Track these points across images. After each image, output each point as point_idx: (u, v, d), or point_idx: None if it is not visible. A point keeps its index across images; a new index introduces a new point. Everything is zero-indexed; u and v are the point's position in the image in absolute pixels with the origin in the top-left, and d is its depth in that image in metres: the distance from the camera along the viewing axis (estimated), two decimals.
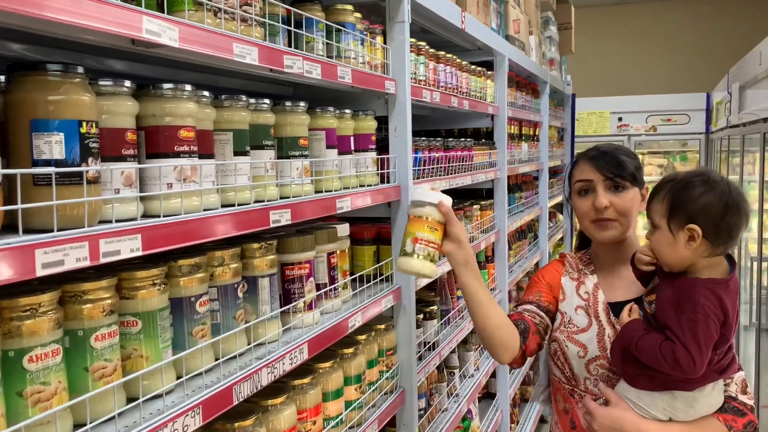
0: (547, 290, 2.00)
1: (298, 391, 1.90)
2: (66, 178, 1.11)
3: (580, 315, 1.90)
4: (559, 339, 1.90)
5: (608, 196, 1.82)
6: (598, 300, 1.89)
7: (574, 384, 1.88)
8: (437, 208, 1.78)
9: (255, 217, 1.58)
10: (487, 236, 3.77)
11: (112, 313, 1.31)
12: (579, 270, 1.98)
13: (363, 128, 2.35)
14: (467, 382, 3.57)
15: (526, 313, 1.96)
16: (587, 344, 1.84)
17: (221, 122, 1.64)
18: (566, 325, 1.90)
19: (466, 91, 3.41)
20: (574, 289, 1.95)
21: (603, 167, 1.84)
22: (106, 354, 1.29)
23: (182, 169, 1.39)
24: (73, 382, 1.25)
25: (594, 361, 1.84)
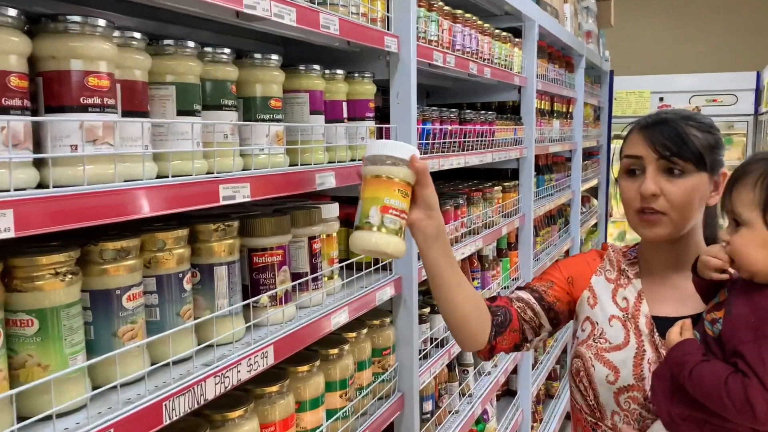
0: (563, 284, 1.62)
1: (265, 400, 1.59)
2: None
3: (615, 327, 1.50)
4: (584, 355, 1.51)
5: (660, 181, 1.40)
6: (640, 311, 1.49)
7: (599, 417, 1.49)
8: (409, 165, 1.40)
9: (197, 191, 1.27)
10: (510, 221, 3.42)
11: None
12: (620, 270, 1.58)
13: (358, 93, 2.02)
14: (483, 381, 3.24)
15: (517, 303, 1.61)
16: (620, 367, 1.45)
17: (160, 73, 1.32)
18: (596, 339, 1.51)
19: (489, 58, 3.03)
20: (610, 294, 1.56)
21: (657, 141, 1.41)
22: None
23: (90, 128, 1.08)
24: None
25: (625, 392, 1.44)
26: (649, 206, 1.41)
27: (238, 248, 1.54)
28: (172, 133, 1.32)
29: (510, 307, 1.60)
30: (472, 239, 2.85)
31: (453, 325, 1.56)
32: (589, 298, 1.58)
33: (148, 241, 1.33)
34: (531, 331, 1.61)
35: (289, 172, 1.58)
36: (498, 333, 1.56)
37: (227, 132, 1.46)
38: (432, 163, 2.34)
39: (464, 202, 2.81)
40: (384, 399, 2.17)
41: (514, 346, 1.61)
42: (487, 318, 1.55)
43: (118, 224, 1.40)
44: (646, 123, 1.45)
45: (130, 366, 1.25)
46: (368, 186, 1.41)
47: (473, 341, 1.56)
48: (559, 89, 4.52)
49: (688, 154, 1.40)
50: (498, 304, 1.61)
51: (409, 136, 2.13)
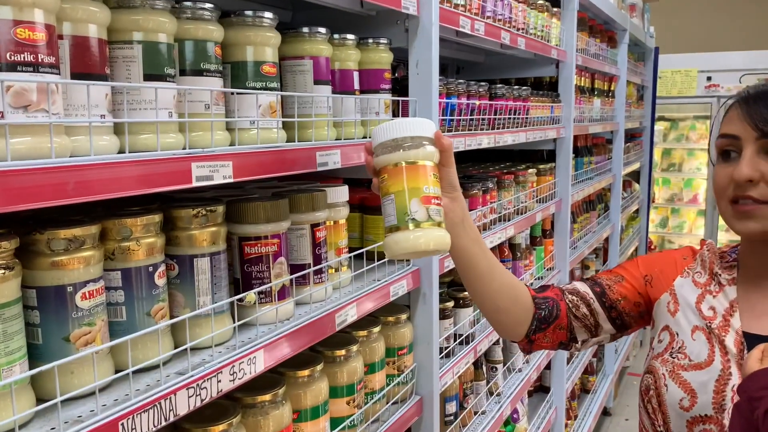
0: (637, 282, 1.39)
1: (256, 410, 1.39)
2: None
3: (698, 341, 1.26)
4: (657, 371, 1.28)
5: (759, 164, 1.16)
6: (730, 326, 1.24)
7: None
8: (435, 143, 1.22)
9: (162, 170, 1.06)
10: (546, 206, 3.16)
11: None
12: (713, 274, 1.32)
13: (372, 61, 1.79)
14: (513, 378, 3.01)
15: (570, 296, 1.41)
16: (698, 391, 1.21)
17: (124, 30, 1.11)
18: (674, 353, 1.28)
19: (523, 28, 2.76)
20: (695, 300, 1.31)
21: (758, 116, 1.17)
22: None
23: (19, 91, 0.88)
24: None
25: (701, 423, 1.20)
26: (743, 194, 1.17)
27: (223, 237, 1.33)
28: (137, 101, 1.11)
29: (560, 301, 1.40)
30: (502, 226, 2.60)
31: (487, 317, 1.41)
32: (670, 303, 1.34)
33: (111, 228, 1.14)
34: (584, 330, 1.40)
35: (283, 149, 1.36)
36: (539, 329, 1.38)
37: (208, 102, 1.25)
38: (457, 142, 2.10)
39: (494, 186, 2.57)
40: (400, 403, 1.96)
41: (559, 344, 1.42)
42: (529, 310, 1.38)
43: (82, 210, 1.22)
44: (747, 95, 1.21)
45: (87, 376, 1.06)
46: (395, 177, 1.19)
47: (510, 333, 1.41)
48: (601, 65, 4.20)
49: None
50: (546, 295, 1.41)
51: (429, 111, 1.90)
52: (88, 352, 1.04)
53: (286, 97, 1.50)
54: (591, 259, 4.62)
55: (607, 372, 5.00)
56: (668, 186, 8.61)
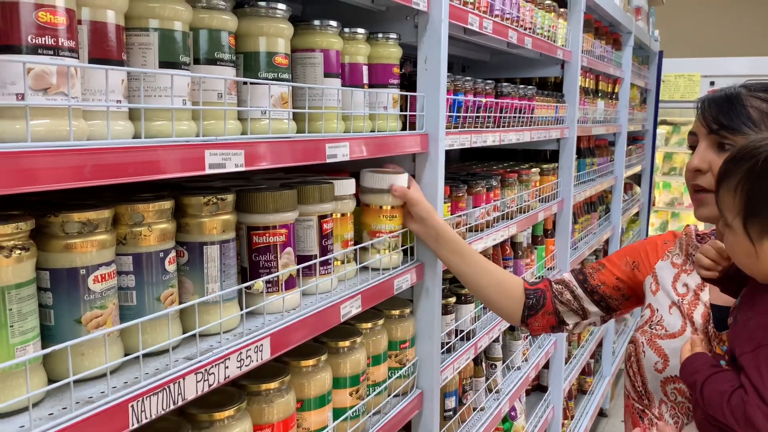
0: (619, 269, 1.59)
1: (261, 398, 1.41)
2: None
3: (674, 315, 1.43)
4: (637, 340, 1.46)
5: (708, 156, 1.34)
6: (699, 299, 1.41)
7: (647, 404, 1.44)
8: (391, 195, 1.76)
9: (176, 156, 1.08)
10: (548, 206, 3.17)
11: None
12: (688, 255, 1.49)
13: (381, 56, 1.80)
14: (512, 376, 3.03)
15: (555, 285, 1.65)
16: (670, 356, 1.38)
17: (141, 17, 1.12)
18: (653, 325, 1.46)
19: (530, 27, 2.77)
20: (671, 280, 1.49)
21: (708, 114, 1.35)
22: None
23: (39, 73, 0.89)
24: None
25: (672, 382, 1.38)
26: (694, 182, 1.36)
27: (233, 225, 1.34)
28: (152, 88, 1.13)
29: (546, 291, 1.63)
30: (505, 224, 2.62)
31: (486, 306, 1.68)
32: (652, 284, 1.53)
33: (123, 213, 1.15)
34: (572, 313, 1.63)
35: (294, 139, 1.38)
36: (529, 315, 1.62)
37: (221, 91, 1.26)
38: (462, 139, 2.12)
39: (498, 184, 2.58)
40: (401, 396, 1.97)
41: (551, 327, 1.66)
42: (519, 300, 1.63)
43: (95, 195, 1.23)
44: (704, 98, 1.40)
45: (98, 358, 1.08)
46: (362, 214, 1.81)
47: (507, 318, 1.67)
48: (605, 67, 4.21)
49: (737, 126, 1.29)
50: (537, 287, 1.65)
51: (437, 106, 1.91)
52: (99, 334, 1.06)
53: (296, 88, 1.51)
54: (591, 260, 4.63)
55: (604, 373, 5.02)
56: (669, 190, 8.63)
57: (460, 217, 2.24)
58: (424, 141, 1.90)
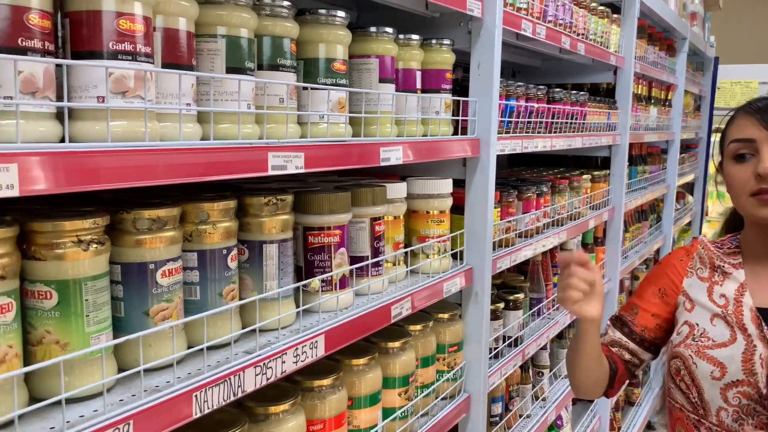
0: (655, 302, 1.57)
1: (314, 394, 1.45)
2: None
3: (718, 327, 1.44)
4: (683, 355, 1.45)
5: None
6: (743, 305, 1.42)
7: (703, 414, 1.44)
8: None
9: (242, 158, 1.12)
10: (598, 213, 3.14)
11: (1, 279, 0.90)
12: (714, 267, 1.51)
13: (435, 62, 1.83)
14: (559, 384, 3.00)
15: (615, 349, 1.60)
16: (726, 363, 1.39)
17: (209, 24, 1.18)
18: (696, 338, 1.45)
19: (583, 33, 2.76)
20: (706, 294, 1.49)
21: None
22: None
23: (119, 77, 0.95)
24: None
25: (734, 387, 1.38)
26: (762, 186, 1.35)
27: (291, 225, 1.39)
28: (220, 92, 1.18)
29: (613, 356, 1.59)
30: (555, 231, 2.60)
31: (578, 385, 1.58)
32: (685, 303, 1.52)
33: (190, 211, 1.20)
34: (635, 367, 1.61)
35: (350, 143, 1.41)
36: (611, 385, 1.59)
37: (283, 95, 1.30)
38: (514, 144, 2.12)
39: (548, 190, 2.57)
40: (448, 399, 1.99)
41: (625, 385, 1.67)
42: (606, 378, 1.56)
43: (161, 193, 1.29)
44: (757, 106, 1.41)
45: (163, 349, 1.13)
46: None
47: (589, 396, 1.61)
48: (659, 73, 4.14)
49: None
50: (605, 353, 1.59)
51: (489, 111, 1.92)
52: (167, 326, 1.11)
53: (352, 94, 1.55)
54: (641, 270, 4.55)
55: (653, 385, 4.91)
56: (722, 200, 8.37)
57: (510, 222, 2.24)
58: (475, 146, 1.92)
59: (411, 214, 1.87)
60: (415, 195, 1.85)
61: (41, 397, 0.94)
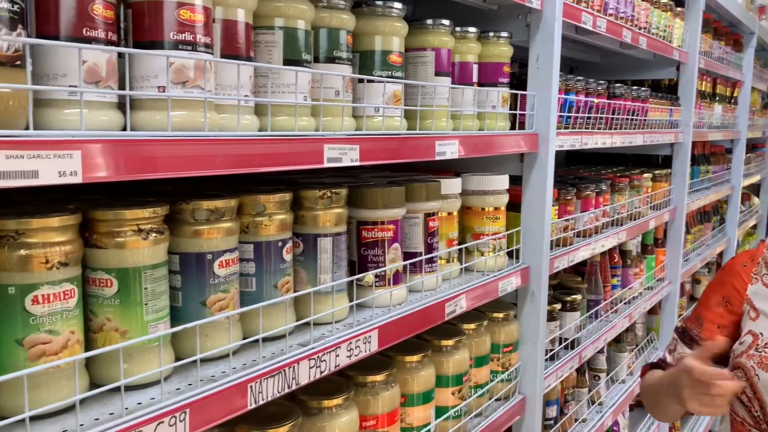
0: (720, 312, 1.49)
1: (367, 390, 1.43)
2: None
3: None
4: (745, 366, 1.39)
5: None
6: None
7: (765, 429, 1.39)
8: None
9: (298, 149, 1.12)
10: (659, 214, 3.03)
11: (64, 266, 0.92)
12: None
13: (492, 54, 1.79)
14: (616, 389, 2.91)
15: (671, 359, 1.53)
16: None
17: (267, 16, 1.18)
18: (759, 349, 1.40)
19: (645, 27, 2.67)
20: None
21: None
22: (50, 323, 0.90)
23: (180, 67, 0.96)
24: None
25: None
26: None
27: (345, 219, 1.38)
28: (277, 84, 1.18)
29: None
30: (614, 231, 2.52)
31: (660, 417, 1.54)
32: (750, 311, 1.46)
33: (247, 203, 1.20)
34: None
35: (405, 136, 1.40)
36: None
37: (339, 88, 1.30)
38: (573, 140, 2.06)
39: (608, 189, 2.49)
40: (502, 400, 1.95)
41: None
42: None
43: (215, 187, 1.30)
44: None
45: (218, 340, 1.14)
46: None
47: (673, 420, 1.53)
48: (725, 69, 3.98)
49: None
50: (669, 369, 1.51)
51: (548, 106, 1.87)
52: (223, 316, 1.11)
53: (407, 87, 1.53)
54: (703, 274, 4.38)
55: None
56: None
57: (568, 221, 2.18)
58: (533, 141, 1.87)
59: (465, 210, 1.83)
60: (469, 191, 1.82)
61: (101, 383, 0.96)
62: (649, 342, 3.37)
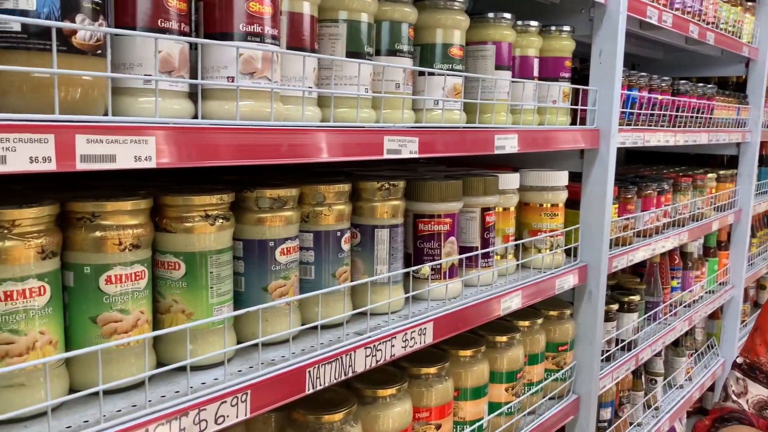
0: None
1: (421, 382, 1.44)
2: (30, 40, 0.76)
3: None
4: None
5: None
6: None
7: None
8: None
9: (359, 140, 1.13)
10: (723, 215, 2.93)
11: (136, 248, 0.96)
12: None
13: (553, 49, 1.77)
14: (673, 394, 2.83)
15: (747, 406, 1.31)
16: None
17: (331, 9, 1.20)
18: None
19: (713, 22, 2.58)
20: None
21: None
22: (121, 303, 0.95)
23: (248, 59, 0.98)
24: (72, 336, 0.93)
25: None
26: None
27: (402, 211, 1.39)
28: (339, 76, 1.19)
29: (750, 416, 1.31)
30: (675, 231, 2.45)
31: None
32: None
33: (307, 193, 1.23)
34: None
35: (465, 129, 1.39)
36: None
37: (399, 81, 1.31)
38: (635, 137, 2.02)
39: (670, 189, 2.43)
40: (556, 399, 1.92)
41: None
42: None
43: (274, 177, 1.33)
44: None
45: (278, 325, 1.16)
46: None
47: None
48: None
49: None
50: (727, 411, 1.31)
51: (611, 101, 1.84)
52: (284, 302, 1.14)
53: (467, 80, 1.53)
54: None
55: None
56: None
57: (628, 220, 2.14)
58: (594, 137, 1.84)
59: (523, 206, 1.82)
60: (527, 187, 1.80)
61: (167, 363, 0.99)
62: (710, 348, 3.26)
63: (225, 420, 0.96)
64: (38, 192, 1.02)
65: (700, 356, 3.14)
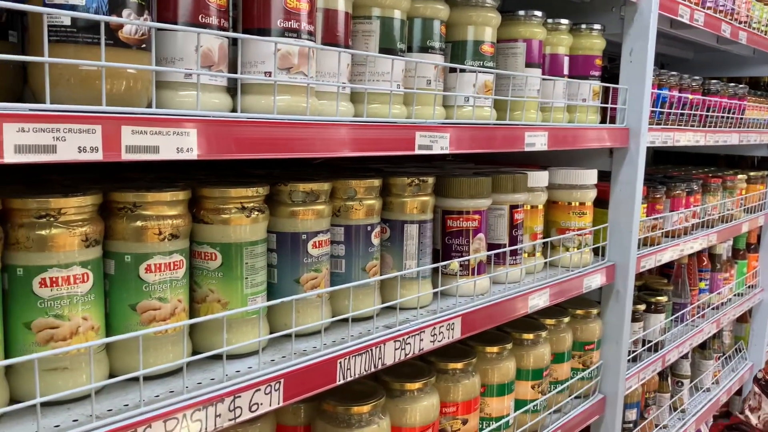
0: None
1: (448, 377, 1.45)
2: (79, 34, 0.78)
3: None
4: None
5: None
6: None
7: None
8: None
9: (391, 135, 1.15)
10: (753, 217, 2.89)
11: (175, 238, 0.98)
12: None
13: (583, 47, 1.76)
14: (700, 398, 2.80)
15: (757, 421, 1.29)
16: None
17: (365, 6, 1.21)
18: None
19: (746, 21, 2.55)
20: None
21: None
22: (160, 291, 0.97)
23: (285, 54, 1.00)
24: (111, 323, 0.96)
25: None
26: None
27: (431, 207, 1.40)
28: (372, 72, 1.21)
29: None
30: (704, 232, 2.43)
31: None
32: None
33: (339, 188, 1.24)
34: None
35: (495, 126, 1.40)
36: None
37: (431, 77, 1.32)
38: (665, 137, 2.00)
39: (699, 189, 2.41)
40: (582, 398, 1.92)
41: None
42: None
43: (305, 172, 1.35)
44: None
45: (310, 316, 1.18)
46: None
47: None
48: None
49: None
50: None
51: (641, 100, 1.83)
52: (315, 293, 1.16)
53: (498, 78, 1.53)
54: None
55: None
56: None
57: (657, 220, 2.12)
58: (624, 135, 1.83)
59: (551, 204, 1.82)
60: (556, 185, 1.80)
61: (202, 351, 1.02)
62: (737, 351, 3.22)
63: (259, 408, 0.98)
64: (78, 183, 1.05)
65: (728, 360, 3.10)
